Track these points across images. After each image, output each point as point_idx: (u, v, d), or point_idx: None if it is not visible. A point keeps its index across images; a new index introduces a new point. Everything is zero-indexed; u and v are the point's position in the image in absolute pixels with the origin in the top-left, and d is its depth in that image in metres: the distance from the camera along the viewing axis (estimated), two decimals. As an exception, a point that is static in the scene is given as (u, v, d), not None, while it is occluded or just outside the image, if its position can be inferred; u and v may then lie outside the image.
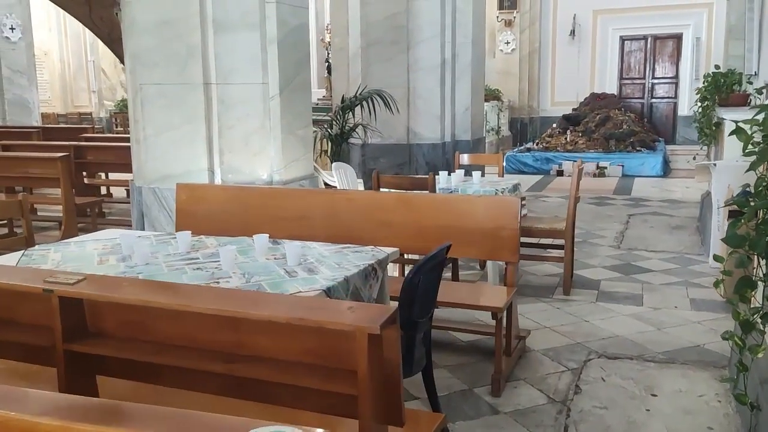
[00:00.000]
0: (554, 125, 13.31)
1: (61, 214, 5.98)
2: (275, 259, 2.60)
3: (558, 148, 11.94)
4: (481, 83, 9.51)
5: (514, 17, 15.54)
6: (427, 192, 4.14)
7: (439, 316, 3.26)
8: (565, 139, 12.23)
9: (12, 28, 10.94)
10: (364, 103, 6.93)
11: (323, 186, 5.67)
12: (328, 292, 2.21)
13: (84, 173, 7.40)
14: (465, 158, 5.56)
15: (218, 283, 2.29)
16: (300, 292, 2.16)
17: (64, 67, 18.25)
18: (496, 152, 14.79)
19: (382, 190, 4.17)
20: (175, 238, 2.99)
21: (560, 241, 4.56)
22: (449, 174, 4.80)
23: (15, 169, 5.51)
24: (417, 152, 8.40)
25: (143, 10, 4.61)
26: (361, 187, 5.28)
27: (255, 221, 3.48)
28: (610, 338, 3.71)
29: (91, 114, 17.61)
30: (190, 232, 2.78)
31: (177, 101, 4.65)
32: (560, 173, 10.96)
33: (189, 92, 4.59)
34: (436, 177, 4.80)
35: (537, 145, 12.39)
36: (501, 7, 15.56)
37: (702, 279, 4.88)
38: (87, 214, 6.32)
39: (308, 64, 5.18)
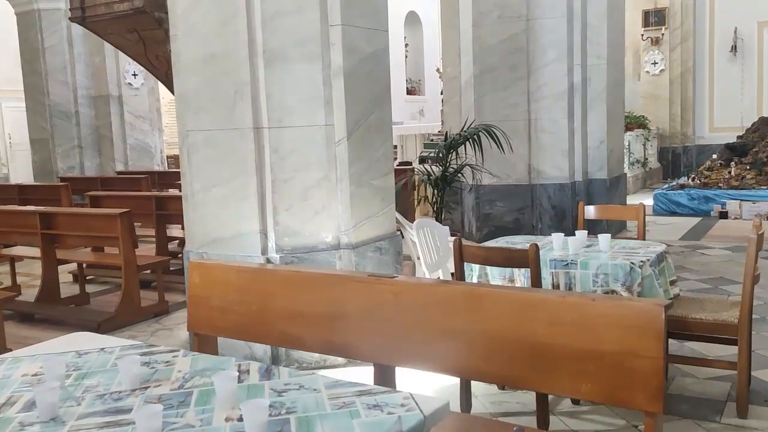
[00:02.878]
0: (714, 156, 11.31)
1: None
2: (238, 420, 1.61)
3: (720, 184, 10.00)
4: (619, 110, 8.05)
5: (663, 34, 13.76)
6: (524, 272, 2.96)
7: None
8: (729, 172, 10.25)
9: (135, 74, 11.12)
10: (475, 138, 5.85)
11: (410, 244, 4.64)
12: None
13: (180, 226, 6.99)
14: (591, 211, 4.26)
15: (104, 486, 1.34)
16: None
17: (199, 110, 18.85)
18: (642, 187, 12.96)
19: (466, 264, 3.07)
20: (149, 351, 2.12)
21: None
22: (566, 236, 3.59)
23: (80, 227, 5.05)
24: (541, 194, 7.13)
25: (189, 44, 3.89)
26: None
27: (274, 318, 2.53)
28: None
29: (221, 154, 17.96)
30: (138, 359, 1.88)
31: (225, 150, 3.86)
32: (723, 215, 9.07)
33: (238, 139, 3.78)
34: (550, 240, 3.62)
35: (693, 180, 10.50)
36: (646, 23, 13.85)
37: None
38: (169, 271, 5.79)
39: (388, 100, 4.21)
